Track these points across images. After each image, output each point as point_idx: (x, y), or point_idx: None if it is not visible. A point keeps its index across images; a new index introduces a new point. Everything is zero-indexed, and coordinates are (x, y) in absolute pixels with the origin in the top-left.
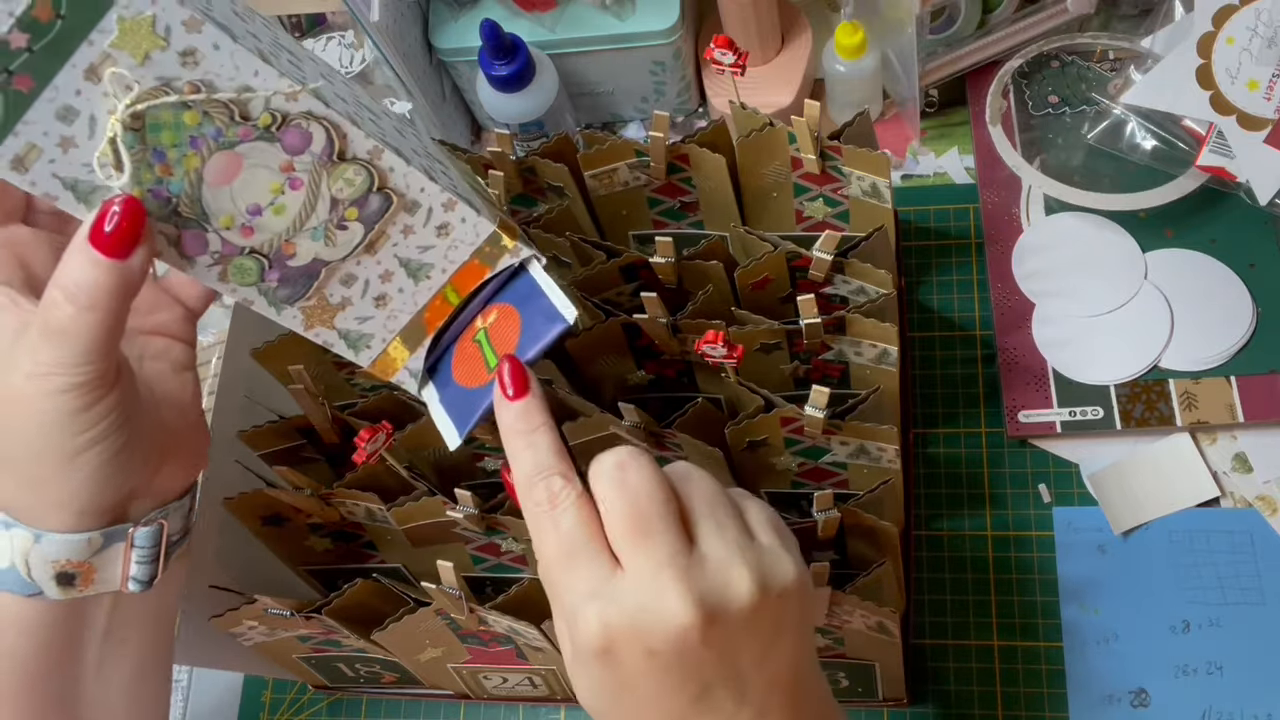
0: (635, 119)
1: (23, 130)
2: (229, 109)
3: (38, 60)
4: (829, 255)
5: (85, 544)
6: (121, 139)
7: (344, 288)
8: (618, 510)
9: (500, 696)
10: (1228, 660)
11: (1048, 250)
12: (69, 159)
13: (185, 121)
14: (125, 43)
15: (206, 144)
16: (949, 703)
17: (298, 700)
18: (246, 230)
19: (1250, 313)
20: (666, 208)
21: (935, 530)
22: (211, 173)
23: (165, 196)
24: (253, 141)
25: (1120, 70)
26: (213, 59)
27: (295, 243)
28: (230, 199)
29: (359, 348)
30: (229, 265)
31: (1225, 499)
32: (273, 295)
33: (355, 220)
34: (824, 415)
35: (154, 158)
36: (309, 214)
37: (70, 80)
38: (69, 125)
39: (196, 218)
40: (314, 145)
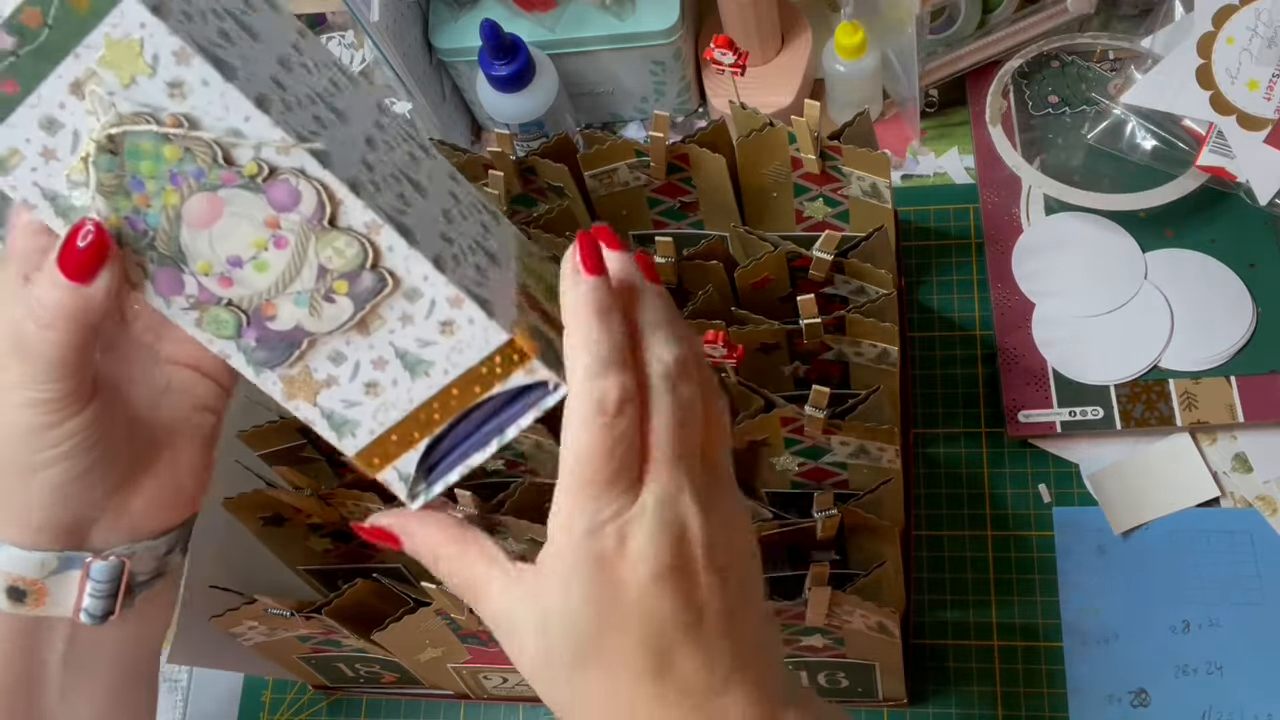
0: (635, 119)
1: (6, 133)
2: (212, 150)
3: (23, 65)
4: (829, 255)
5: (38, 563)
6: (94, 159)
7: (331, 364)
8: (667, 428)
9: (500, 696)
10: (1228, 660)
11: (1048, 250)
12: (49, 170)
13: (165, 155)
14: (112, 62)
15: (187, 182)
16: (949, 703)
17: (298, 700)
18: (225, 280)
19: (1250, 313)
20: (666, 208)
21: (935, 530)
22: (190, 213)
23: (142, 229)
24: (235, 188)
25: (1120, 70)
26: (200, 95)
27: (277, 305)
28: (209, 244)
29: (343, 433)
30: (205, 313)
31: (1225, 499)
32: (251, 354)
33: (344, 295)
34: (824, 415)
35: (132, 185)
36: (293, 277)
37: (55, 91)
38: (52, 136)
39: (173, 256)
40: (302, 205)
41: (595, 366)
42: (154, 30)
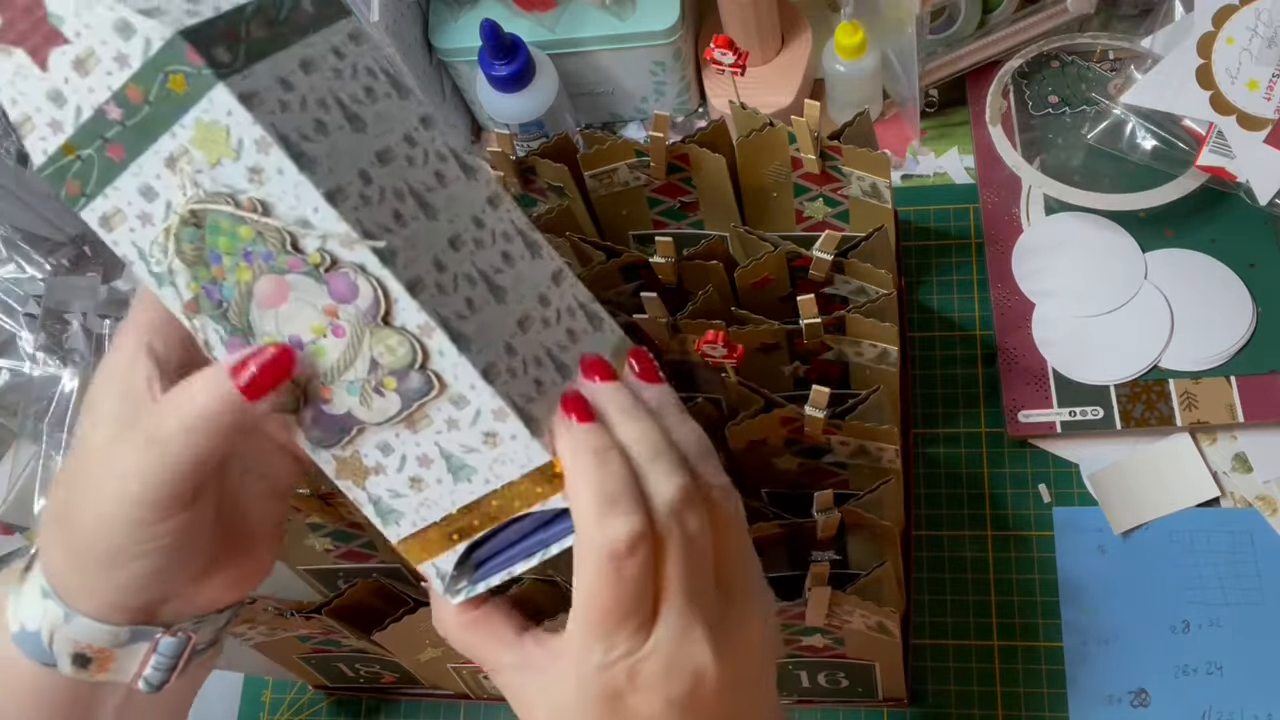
0: (635, 119)
1: (111, 194)
2: (281, 236)
3: (128, 135)
4: (829, 255)
5: (110, 634)
6: (177, 231)
7: (379, 454)
8: (677, 566)
9: (500, 696)
10: (1228, 660)
11: (1048, 250)
12: (145, 234)
13: (241, 234)
14: (201, 143)
15: (258, 262)
16: (949, 703)
17: (298, 700)
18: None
19: (1250, 313)
20: (666, 208)
21: (935, 530)
22: (260, 292)
23: (218, 299)
24: (300, 274)
25: (1120, 70)
26: (276, 183)
27: (332, 390)
28: (275, 323)
29: (388, 520)
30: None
31: (1225, 499)
32: (308, 431)
33: (393, 390)
34: (824, 415)
35: (211, 258)
36: (347, 366)
37: (152, 164)
38: (149, 203)
39: (243, 329)
40: (359, 300)
41: (601, 508)
42: (239, 118)
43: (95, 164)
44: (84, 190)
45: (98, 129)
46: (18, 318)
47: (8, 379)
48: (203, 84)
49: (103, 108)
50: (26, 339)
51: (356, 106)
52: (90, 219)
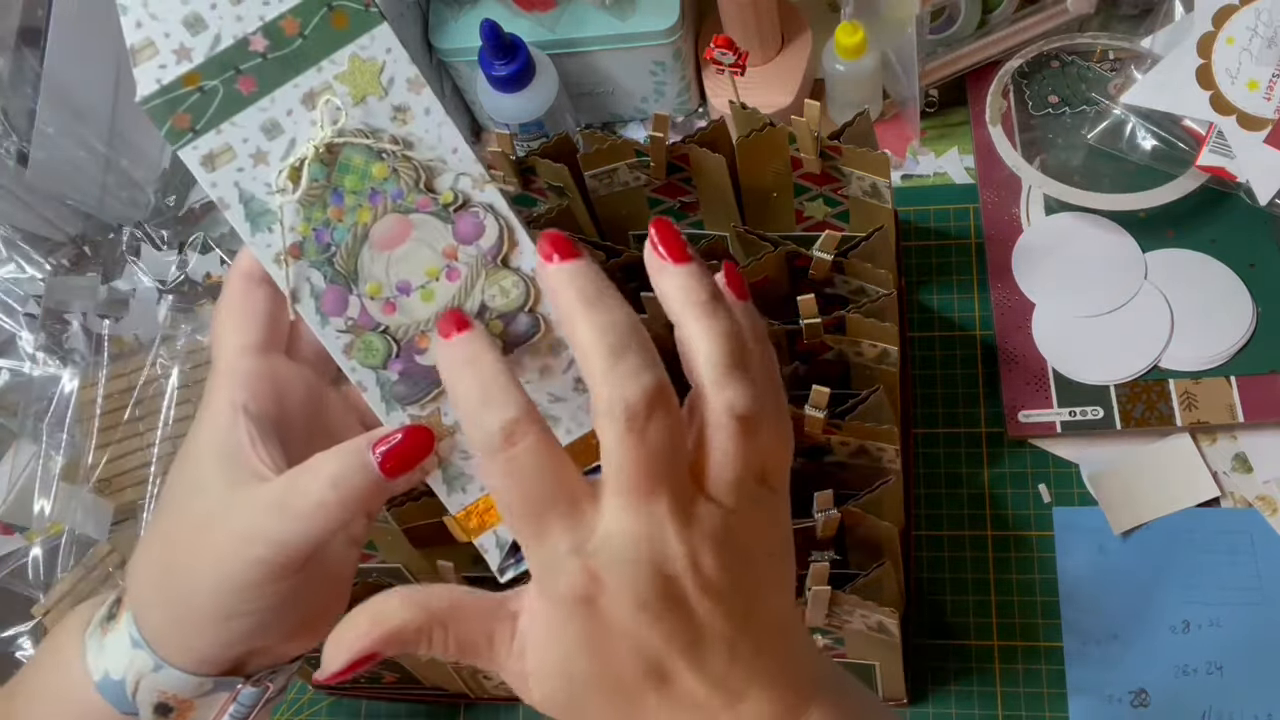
0: (635, 119)
1: (227, 130)
2: (418, 173)
3: (267, 68)
4: (829, 255)
5: (196, 685)
6: (309, 166)
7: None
8: (626, 465)
9: (500, 696)
10: (1228, 660)
11: (1048, 250)
12: (255, 173)
13: (373, 172)
14: (350, 80)
15: (385, 202)
16: (949, 703)
17: (298, 700)
18: (389, 306)
19: (1250, 313)
20: (666, 208)
21: (935, 530)
22: (378, 233)
23: (326, 242)
24: (428, 214)
25: (1120, 70)
26: (420, 122)
27: (431, 338)
28: (385, 267)
29: (454, 487)
30: (359, 339)
31: (1225, 499)
32: (390, 388)
33: (498, 335)
34: (824, 415)
35: (332, 198)
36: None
37: (288, 98)
38: (270, 140)
39: (347, 275)
40: (483, 240)
41: (608, 359)
42: (398, 57)
43: (219, 96)
44: (194, 125)
45: (233, 59)
46: (18, 318)
47: (8, 379)
48: (367, 21)
49: (248, 37)
50: (26, 339)
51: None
52: (191, 157)
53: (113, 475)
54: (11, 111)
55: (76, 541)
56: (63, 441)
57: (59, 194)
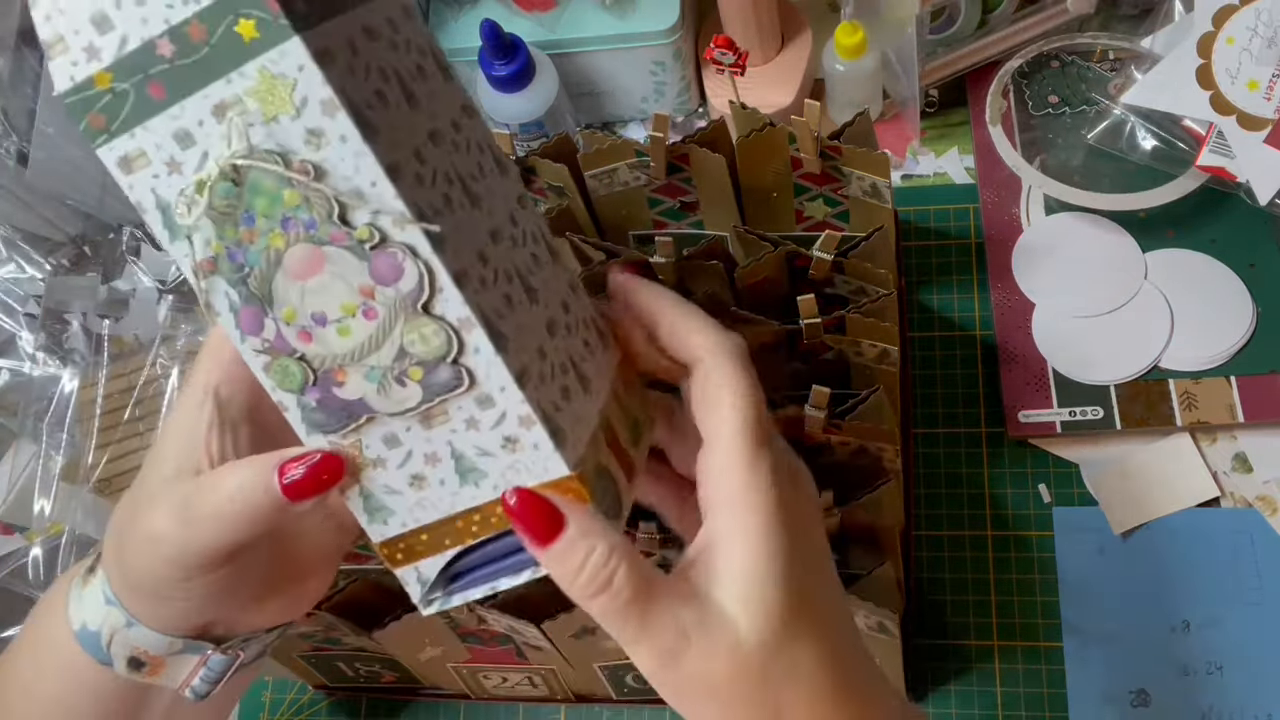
0: (635, 119)
1: (140, 135)
2: (331, 205)
3: (175, 75)
4: (829, 255)
5: (166, 644)
6: (214, 184)
7: (383, 446)
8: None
9: (500, 696)
10: (1228, 660)
11: (1048, 250)
12: (170, 181)
13: (284, 198)
14: (260, 95)
15: (297, 230)
16: (949, 703)
17: (298, 700)
18: (304, 335)
19: (1250, 313)
20: (666, 208)
21: (935, 530)
22: (292, 261)
23: (240, 262)
24: (342, 248)
25: (1120, 70)
26: (335, 149)
27: (348, 373)
28: (300, 296)
29: (375, 517)
30: (275, 361)
31: (1225, 499)
32: (308, 413)
33: (417, 382)
34: (824, 415)
35: (243, 220)
36: (371, 351)
37: (198, 108)
38: (182, 150)
39: (262, 297)
40: (402, 283)
41: (718, 329)
42: (310, 76)
43: (130, 100)
44: (108, 126)
45: (142, 63)
46: (18, 318)
47: (8, 379)
48: (277, 34)
49: (154, 41)
50: (26, 339)
51: (412, 83)
52: (108, 158)
53: (113, 475)
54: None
55: (76, 541)
56: (63, 441)
57: (59, 194)
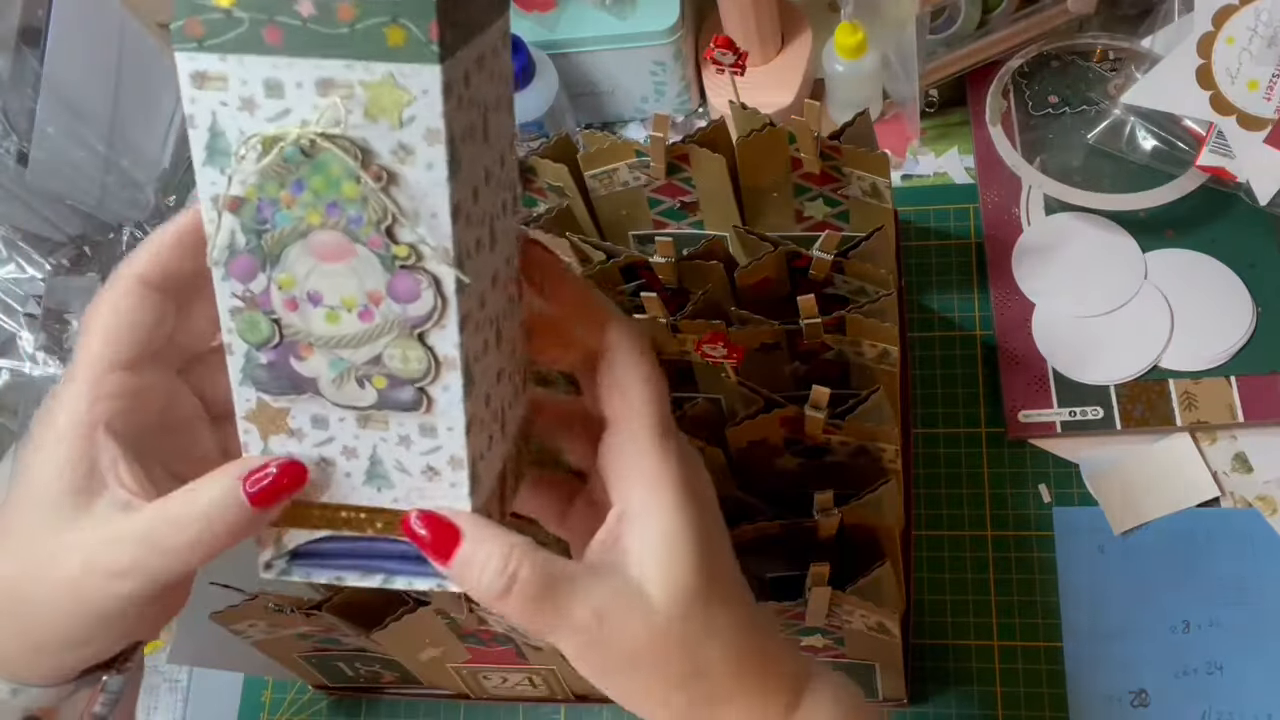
0: (635, 119)
1: (230, 61)
2: (384, 214)
3: (300, 34)
4: (829, 255)
5: (56, 695)
6: (287, 147)
7: (308, 422)
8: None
9: (500, 696)
10: (1228, 660)
11: (1048, 250)
12: (236, 116)
13: (344, 188)
14: (373, 93)
15: (338, 218)
16: (949, 703)
17: (298, 700)
18: (292, 303)
19: (1250, 313)
20: (666, 208)
21: (935, 530)
22: (318, 241)
23: (265, 218)
24: (374, 253)
25: (1120, 70)
26: (417, 171)
27: (315, 352)
28: (308, 271)
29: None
30: (249, 313)
31: (1225, 499)
32: (251, 367)
33: (376, 389)
34: (824, 415)
35: (292, 185)
36: (348, 346)
37: (304, 72)
38: (265, 96)
39: (268, 255)
40: (411, 308)
41: (638, 332)
42: (429, 103)
43: (241, 28)
44: (203, 38)
45: (274, 7)
46: (18, 318)
47: (8, 379)
48: (420, 54)
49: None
50: (26, 339)
51: (491, 115)
52: (185, 64)
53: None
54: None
55: None
56: None
57: (59, 194)
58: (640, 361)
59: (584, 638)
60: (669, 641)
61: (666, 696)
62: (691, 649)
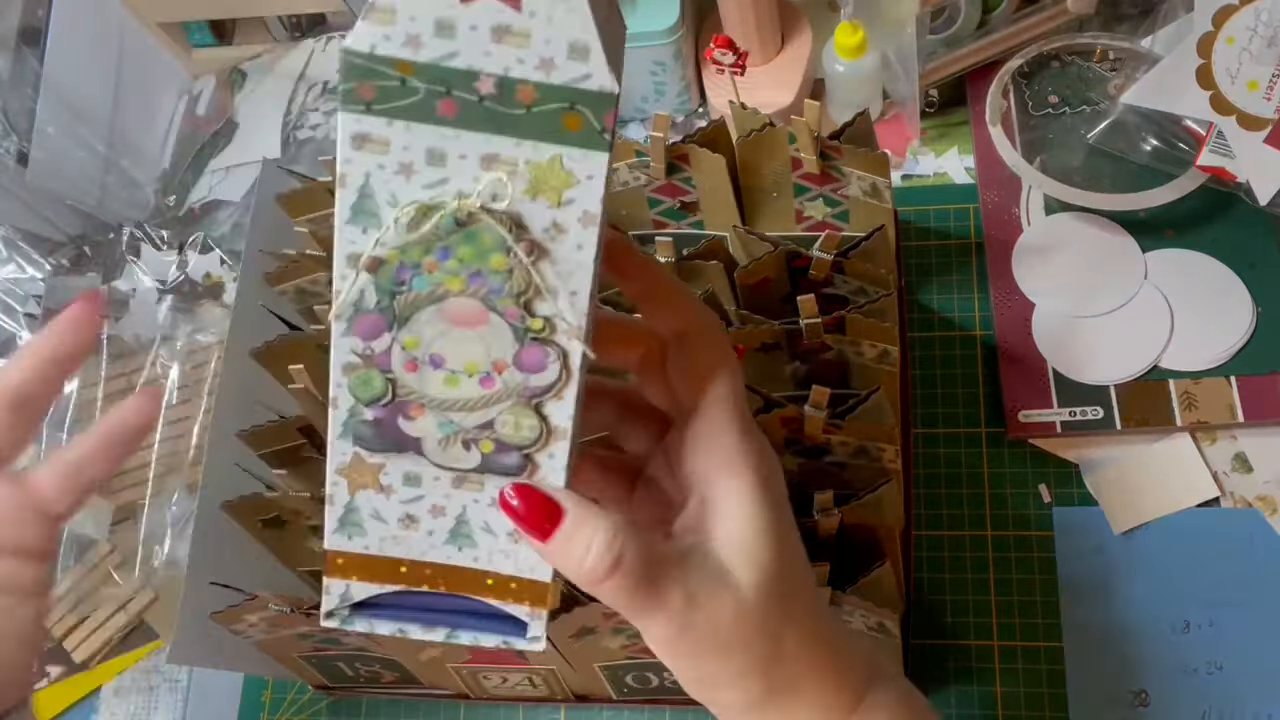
0: (635, 119)
1: (397, 126)
2: (528, 289)
3: (475, 110)
4: (829, 255)
5: None
6: (442, 216)
7: (400, 479)
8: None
9: (500, 696)
10: (1228, 660)
11: (1048, 250)
12: (392, 180)
13: (492, 260)
14: (537, 173)
15: (481, 288)
16: (949, 703)
17: (298, 700)
18: (413, 364)
19: (1250, 313)
20: (666, 208)
21: (935, 530)
22: (453, 307)
23: (403, 279)
24: (508, 323)
25: (1120, 70)
26: (567, 251)
27: (426, 413)
28: (436, 334)
29: (345, 527)
30: (365, 370)
31: (1225, 499)
32: (355, 422)
33: (482, 452)
34: (824, 415)
35: (438, 252)
36: (463, 410)
37: (472, 145)
38: (426, 163)
39: (397, 316)
40: (535, 378)
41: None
42: (592, 188)
43: (415, 97)
44: (373, 102)
45: (453, 81)
46: (18, 318)
47: None
48: (593, 141)
49: (481, 74)
50: (26, 339)
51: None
52: (348, 124)
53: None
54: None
55: (76, 541)
56: (62, 441)
57: (59, 194)
58: (720, 349)
59: (678, 621)
60: (753, 626)
61: (746, 682)
62: (773, 633)
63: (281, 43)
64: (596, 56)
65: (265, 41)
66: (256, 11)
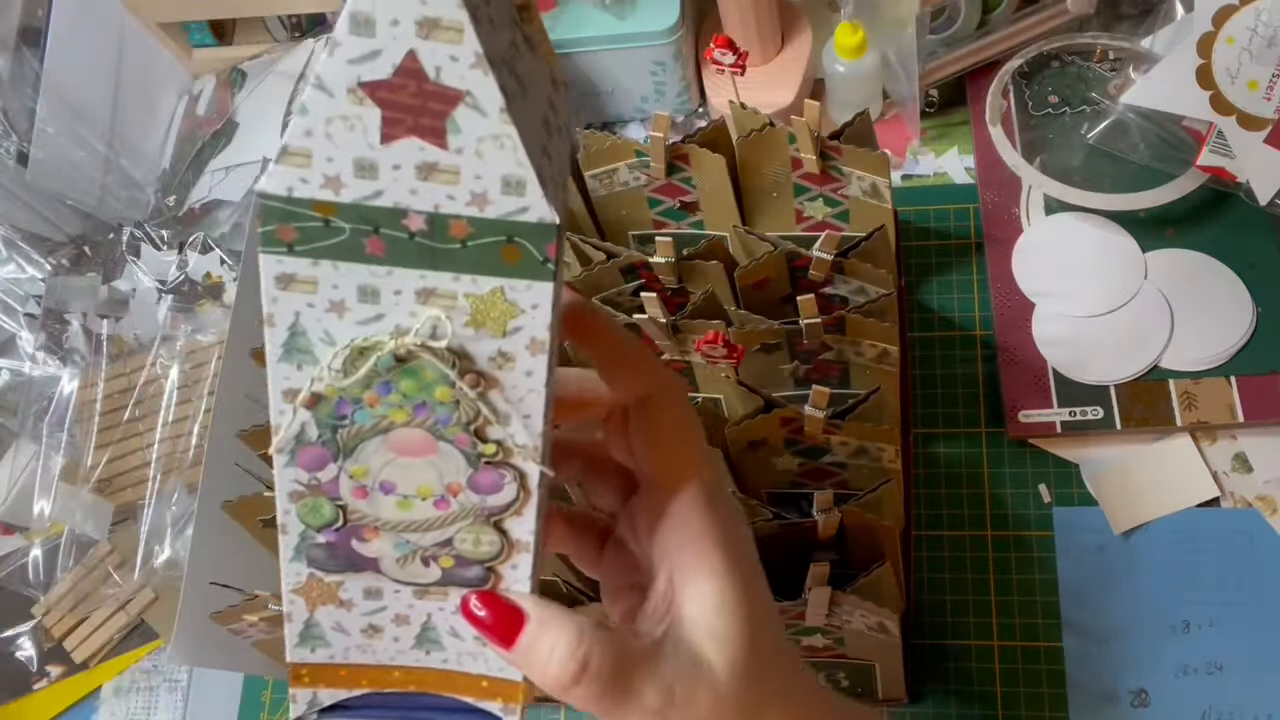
0: (635, 119)
1: (324, 267)
2: (477, 418)
3: (406, 247)
4: (829, 255)
5: None
6: (379, 357)
7: (361, 595)
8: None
9: None
10: (1228, 660)
11: (1048, 250)
12: (323, 318)
13: (436, 392)
14: (479, 306)
15: (427, 419)
16: (949, 703)
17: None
18: (361, 492)
19: (1250, 313)
20: (666, 208)
21: (935, 530)
22: (400, 438)
23: (344, 414)
24: (459, 450)
25: (1120, 70)
26: (515, 378)
27: (380, 535)
28: (383, 463)
29: (305, 643)
30: (312, 498)
31: (1225, 499)
32: (309, 548)
33: (444, 568)
34: (824, 415)
35: (380, 388)
36: (419, 530)
37: (405, 282)
38: (359, 300)
39: (342, 449)
40: (492, 498)
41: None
42: (539, 317)
43: (339, 237)
44: (294, 244)
45: (380, 220)
46: (18, 318)
47: (8, 379)
48: (534, 271)
49: (410, 212)
50: (26, 339)
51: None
52: (270, 266)
53: (113, 475)
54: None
55: (76, 541)
56: (63, 441)
57: (59, 194)
58: (682, 411)
59: (655, 718)
60: (731, 710)
61: None
62: (750, 711)
63: (281, 43)
64: (533, 189)
65: (265, 41)
66: (256, 11)
